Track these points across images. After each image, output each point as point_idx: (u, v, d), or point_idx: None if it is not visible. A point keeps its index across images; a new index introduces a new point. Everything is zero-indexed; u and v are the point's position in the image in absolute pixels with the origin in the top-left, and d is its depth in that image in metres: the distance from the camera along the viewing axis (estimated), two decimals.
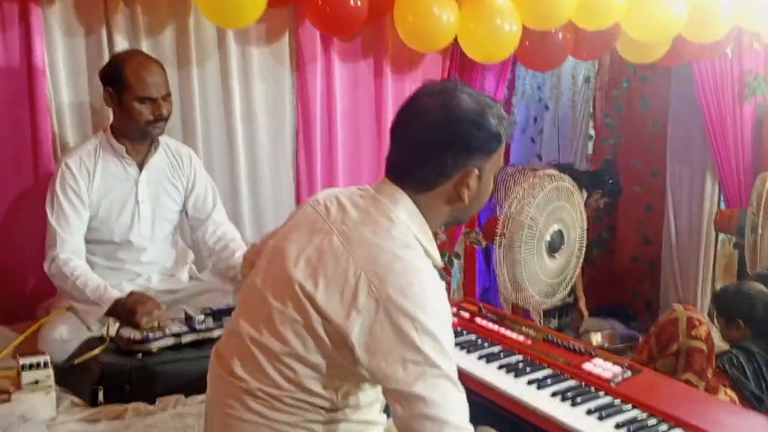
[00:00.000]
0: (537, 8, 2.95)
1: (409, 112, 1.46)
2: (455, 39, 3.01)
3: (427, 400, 1.29)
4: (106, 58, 2.70)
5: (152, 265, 2.63)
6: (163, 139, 2.63)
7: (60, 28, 2.68)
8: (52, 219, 2.43)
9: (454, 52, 3.28)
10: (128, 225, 2.55)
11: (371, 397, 1.49)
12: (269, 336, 1.39)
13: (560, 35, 3.20)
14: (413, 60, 3.24)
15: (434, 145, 1.41)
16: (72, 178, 2.46)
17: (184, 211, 2.71)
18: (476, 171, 1.43)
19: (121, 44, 2.72)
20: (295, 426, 1.40)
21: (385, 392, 1.36)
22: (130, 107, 2.44)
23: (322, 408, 1.42)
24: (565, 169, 3.61)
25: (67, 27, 2.69)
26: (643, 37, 3.19)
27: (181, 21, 2.82)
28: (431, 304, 1.33)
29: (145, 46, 2.76)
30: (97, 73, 2.66)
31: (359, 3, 2.78)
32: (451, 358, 1.34)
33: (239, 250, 2.64)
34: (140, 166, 2.57)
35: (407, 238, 1.40)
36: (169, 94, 2.52)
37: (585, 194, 3.80)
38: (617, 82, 4.55)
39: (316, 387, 1.39)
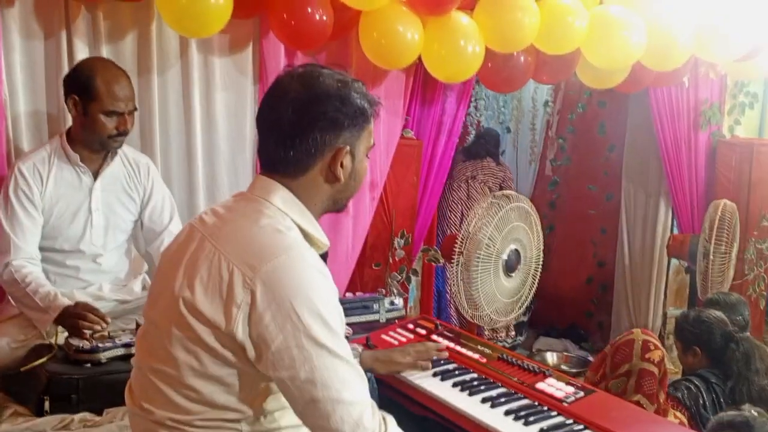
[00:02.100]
0: (500, 31, 2.99)
1: (271, 97, 1.46)
2: (419, 57, 3.04)
3: (316, 382, 1.30)
4: (65, 62, 2.66)
5: (104, 274, 2.58)
6: (121, 148, 2.59)
7: (18, 31, 2.63)
8: (5, 224, 2.37)
9: (417, 70, 3.31)
10: (80, 233, 2.50)
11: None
12: (163, 363, 1.38)
13: (522, 58, 3.24)
14: (376, 77, 3.26)
15: (301, 124, 1.40)
16: (25, 183, 2.40)
17: (139, 221, 2.66)
18: (347, 148, 1.44)
19: (81, 49, 2.68)
20: None
21: (277, 383, 1.35)
22: (95, 119, 2.39)
23: (237, 421, 1.39)
24: None
25: (25, 30, 2.64)
26: (602, 63, 3.26)
27: (144, 28, 2.79)
28: (308, 283, 1.32)
29: (105, 52, 2.72)
30: (54, 78, 2.63)
31: (324, 18, 2.78)
32: (338, 334, 1.34)
33: None
34: (95, 175, 2.52)
35: (279, 225, 1.39)
36: (135, 109, 2.48)
37: None
38: (573, 106, 4.62)
39: (225, 400, 1.37)
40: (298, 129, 1.40)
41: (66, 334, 2.24)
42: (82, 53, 2.68)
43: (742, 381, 2.73)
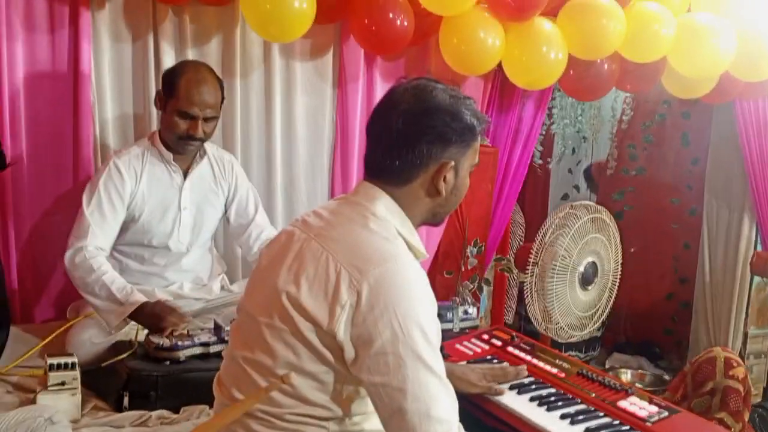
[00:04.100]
0: (584, 37, 2.92)
1: (384, 107, 1.49)
2: (498, 63, 3.00)
3: (407, 392, 1.29)
4: (152, 65, 2.73)
5: (186, 273, 2.62)
6: (205, 146, 2.63)
7: (108, 34, 2.70)
8: (86, 211, 2.40)
9: (495, 77, 3.27)
10: (168, 231, 2.55)
11: None
12: (260, 353, 1.39)
13: (606, 66, 3.16)
14: (454, 82, 3.22)
15: (409, 135, 1.43)
16: (119, 177, 2.45)
17: (225, 218, 2.70)
18: (452, 163, 1.46)
19: (168, 52, 2.74)
20: None
21: (367, 386, 1.35)
22: (171, 117, 2.45)
23: (326, 419, 1.40)
24: None
25: (115, 32, 2.71)
26: (690, 72, 3.15)
27: (228, 32, 2.84)
28: (414, 294, 1.33)
29: (190, 55, 2.78)
30: (140, 81, 2.71)
31: (405, 24, 2.77)
32: (435, 348, 1.33)
33: None
34: (185, 174, 2.57)
35: (386, 232, 1.41)
36: (214, 118, 2.50)
37: None
38: (648, 115, 4.49)
39: (317, 397, 1.38)
40: (406, 140, 1.43)
41: (146, 331, 2.27)
42: (168, 56, 2.74)
43: None
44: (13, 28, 2.54)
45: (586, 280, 3.07)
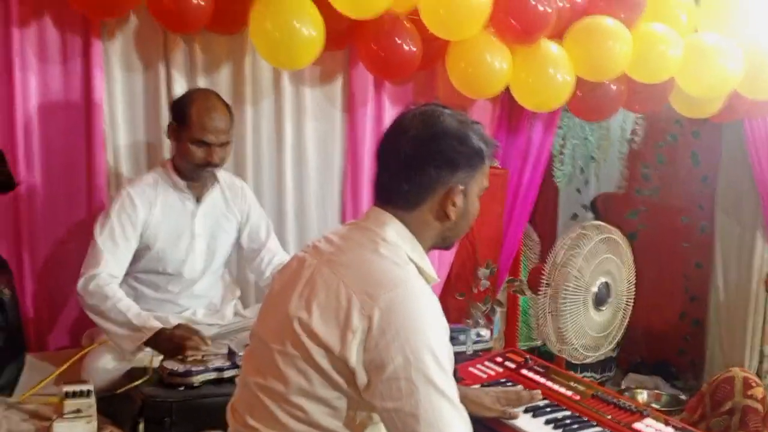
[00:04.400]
0: (591, 59, 2.94)
1: (393, 132, 1.51)
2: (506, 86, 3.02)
3: (420, 418, 1.29)
4: (164, 94, 2.76)
5: (199, 299, 2.63)
6: (217, 172, 2.65)
7: (119, 63, 2.74)
8: (99, 240, 2.43)
9: (503, 99, 3.29)
10: (182, 258, 2.57)
11: None
12: (273, 379, 1.40)
13: (613, 87, 3.18)
14: (462, 106, 3.24)
15: (417, 160, 1.44)
16: (132, 206, 2.47)
17: (237, 244, 2.72)
18: (461, 187, 1.47)
19: (179, 81, 2.78)
20: None
21: (380, 412, 1.35)
22: (185, 146, 2.47)
23: None
24: None
25: (126, 62, 2.75)
26: (698, 92, 3.16)
27: (239, 60, 2.87)
28: (424, 318, 1.33)
29: (201, 84, 2.81)
30: (152, 109, 2.73)
31: (413, 49, 2.80)
32: (447, 373, 1.33)
33: None
34: (197, 200, 2.59)
35: (397, 257, 1.42)
36: (227, 143, 2.53)
37: None
38: (660, 135, 4.49)
39: (330, 423, 1.38)
40: (414, 164, 1.45)
41: (160, 357, 2.28)
42: (179, 85, 2.77)
43: None
44: (26, 59, 2.58)
45: (599, 301, 3.05)
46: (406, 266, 1.42)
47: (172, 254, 2.56)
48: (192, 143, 2.45)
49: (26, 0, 2.55)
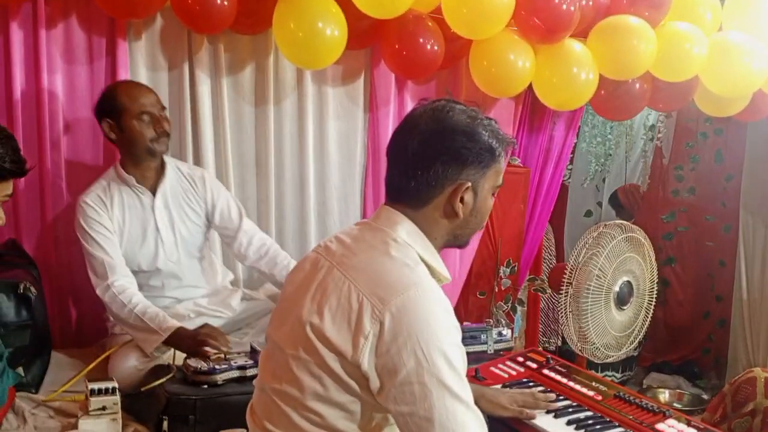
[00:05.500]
0: (615, 58, 2.92)
1: (402, 128, 1.48)
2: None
3: (435, 422, 1.28)
4: (188, 93, 2.78)
5: (190, 289, 2.66)
6: (174, 162, 2.66)
7: (144, 63, 2.76)
8: (92, 251, 2.46)
9: (525, 98, 3.28)
10: (153, 252, 2.58)
11: None
12: (288, 384, 1.40)
13: (637, 85, 3.15)
14: (485, 104, 3.25)
15: (425, 156, 1.42)
16: (93, 211, 2.49)
17: (209, 229, 2.73)
18: (469, 184, 1.43)
19: (203, 80, 2.80)
20: None
21: (395, 416, 1.34)
22: (132, 128, 2.47)
23: None
24: None
25: (151, 62, 2.77)
26: (722, 90, 3.13)
27: (262, 60, 2.89)
28: (436, 321, 1.32)
29: (225, 83, 2.83)
30: (176, 109, 2.75)
31: (436, 48, 2.80)
32: (461, 375, 1.32)
33: (279, 254, 2.67)
34: (153, 193, 2.59)
35: (408, 258, 1.40)
36: (164, 108, 2.54)
37: None
38: (690, 134, 4.45)
39: (346, 426, 1.38)
40: (422, 160, 1.42)
41: (184, 355, 2.31)
42: (203, 84, 2.79)
43: None
44: (53, 61, 2.62)
45: (621, 300, 3.04)
46: (417, 267, 1.40)
47: (141, 251, 2.57)
48: (136, 120, 2.45)
49: (53, 1, 2.58)
